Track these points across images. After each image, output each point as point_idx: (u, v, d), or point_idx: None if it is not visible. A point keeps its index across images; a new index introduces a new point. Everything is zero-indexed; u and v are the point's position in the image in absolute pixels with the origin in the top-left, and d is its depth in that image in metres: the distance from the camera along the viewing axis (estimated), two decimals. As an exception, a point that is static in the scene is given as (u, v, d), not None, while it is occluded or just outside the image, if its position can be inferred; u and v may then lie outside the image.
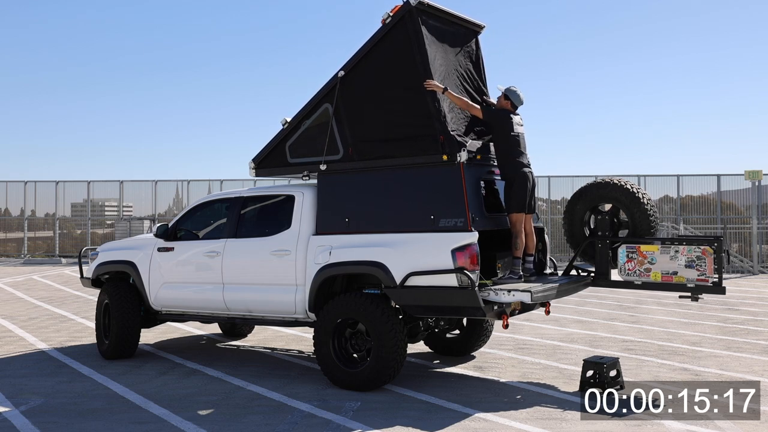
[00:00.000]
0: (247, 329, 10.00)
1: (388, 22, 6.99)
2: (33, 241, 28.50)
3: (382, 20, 7.04)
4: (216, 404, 6.41)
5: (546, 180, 24.69)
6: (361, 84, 7.20)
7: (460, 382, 7.20)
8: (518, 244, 6.93)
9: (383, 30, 7.04)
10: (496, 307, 6.44)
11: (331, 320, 6.84)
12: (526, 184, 7.03)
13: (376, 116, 7.10)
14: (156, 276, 8.23)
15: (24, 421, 5.92)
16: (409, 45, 6.92)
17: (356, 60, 7.18)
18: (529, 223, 7.24)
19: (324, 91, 7.36)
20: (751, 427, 5.67)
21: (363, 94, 7.19)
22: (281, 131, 7.67)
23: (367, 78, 7.17)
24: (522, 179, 7.00)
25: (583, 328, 10.63)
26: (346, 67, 7.22)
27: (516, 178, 6.99)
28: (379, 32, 7.07)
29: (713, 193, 24.34)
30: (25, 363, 8.24)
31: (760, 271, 21.19)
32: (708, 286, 6.76)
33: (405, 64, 6.96)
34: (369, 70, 7.16)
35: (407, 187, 6.85)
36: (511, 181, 7.00)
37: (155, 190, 27.53)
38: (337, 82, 7.24)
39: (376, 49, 7.11)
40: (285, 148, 7.67)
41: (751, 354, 8.57)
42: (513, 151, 7.04)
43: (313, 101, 7.44)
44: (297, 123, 7.55)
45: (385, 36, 7.05)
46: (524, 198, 6.98)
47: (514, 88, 7.23)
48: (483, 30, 7.91)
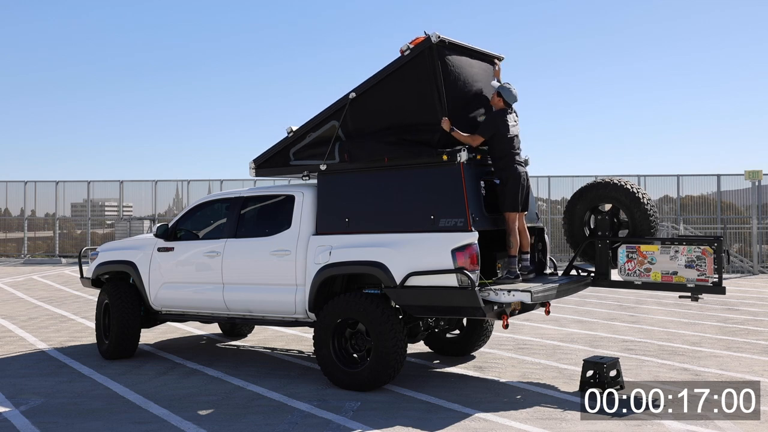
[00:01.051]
0: (247, 329, 10.00)
1: (407, 53, 6.88)
2: (33, 241, 28.51)
3: (400, 50, 6.92)
4: (216, 404, 6.41)
5: (546, 180, 24.69)
6: (372, 108, 7.14)
7: (460, 382, 7.20)
8: (512, 242, 6.93)
9: (401, 60, 6.92)
10: (496, 307, 6.44)
11: (331, 320, 6.84)
12: (520, 184, 7.03)
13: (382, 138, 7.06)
14: (156, 276, 8.23)
15: (24, 421, 5.92)
16: (427, 80, 6.81)
17: (370, 84, 7.11)
18: (521, 221, 7.21)
19: (332, 108, 7.31)
20: (751, 427, 5.66)
21: (372, 118, 7.15)
22: (286, 138, 7.66)
23: (378, 103, 7.11)
24: (515, 179, 7.00)
25: (583, 328, 10.63)
26: (358, 90, 7.15)
27: (510, 177, 6.99)
28: (396, 62, 6.96)
29: (713, 193, 24.34)
30: (25, 363, 8.24)
31: (760, 271, 21.19)
32: (708, 286, 6.76)
33: (421, 97, 6.88)
34: (382, 96, 7.10)
35: (407, 187, 6.86)
36: (505, 181, 7.00)
37: (155, 190, 27.54)
38: (347, 102, 7.19)
39: (392, 78, 7.02)
40: (289, 153, 7.72)
41: (751, 354, 8.57)
42: (507, 152, 7.02)
43: (320, 116, 7.39)
44: (303, 134, 7.53)
45: (402, 67, 6.94)
46: (518, 197, 6.98)
47: (507, 85, 7.19)
48: (502, 61, 7.80)
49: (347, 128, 7.27)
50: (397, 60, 6.99)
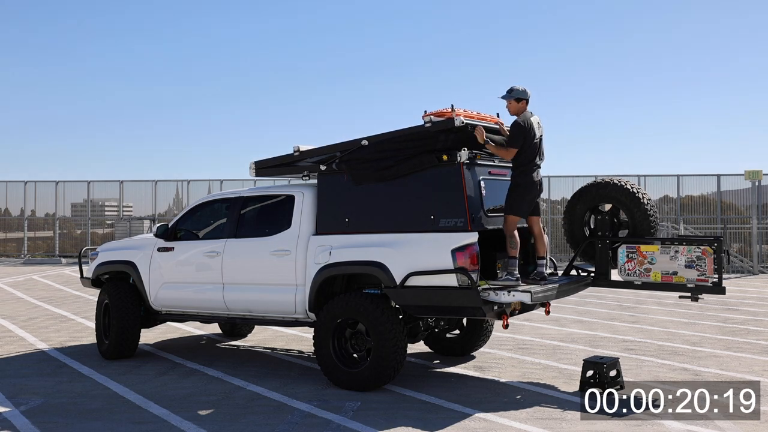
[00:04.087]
0: (247, 329, 10.00)
1: (428, 126, 6.72)
2: (33, 241, 28.51)
3: (423, 117, 6.80)
4: (216, 404, 6.41)
5: (546, 180, 24.68)
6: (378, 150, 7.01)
7: (460, 382, 7.20)
8: (513, 243, 6.81)
9: (421, 130, 6.79)
10: (496, 307, 6.43)
11: (331, 320, 6.84)
12: (532, 193, 6.94)
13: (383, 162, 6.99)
14: (156, 276, 8.23)
15: (24, 421, 5.92)
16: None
17: (384, 138, 6.98)
18: (537, 225, 7.22)
19: (341, 146, 7.22)
20: (751, 427, 5.67)
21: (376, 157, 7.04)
22: (291, 155, 7.63)
23: (388, 151, 6.98)
24: (529, 185, 6.90)
25: (583, 328, 10.63)
26: (371, 139, 7.04)
27: (525, 183, 6.90)
28: (416, 129, 6.83)
29: (713, 193, 24.34)
30: (25, 363, 8.24)
31: (760, 271, 21.19)
32: (708, 286, 6.76)
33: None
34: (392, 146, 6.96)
35: (407, 187, 6.85)
36: (516, 186, 6.91)
37: (155, 190, 27.54)
38: (356, 147, 7.08)
39: (409, 140, 6.89)
40: (291, 165, 7.77)
41: (751, 354, 8.58)
42: (530, 156, 6.92)
43: (326, 149, 7.33)
44: (307, 156, 7.52)
45: (422, 136, 6.82)
46: (524, 205, 6.90)
47: (517, 87, 7.04)
48: None
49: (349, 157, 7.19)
50: (417, 128, 6.81)
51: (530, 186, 6.95)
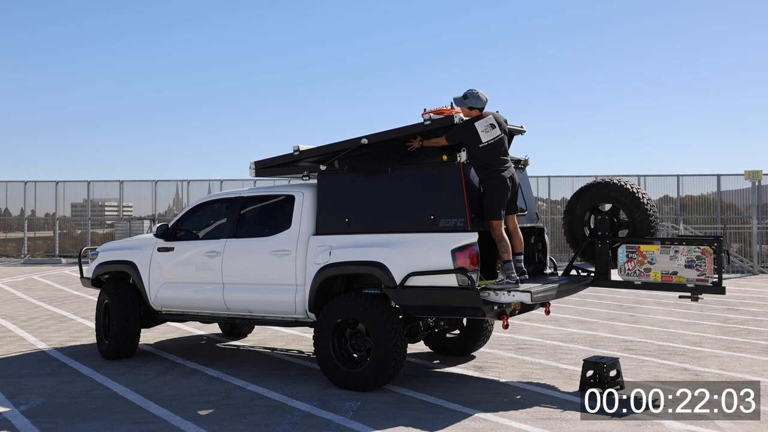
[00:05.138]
0: (247, 329, 10.00)
1: (427, 124, 6.75)
2: (33, 241, 28.52)
3: (422, 115, 6.80)
4: (216, 404, 6.41)
5: (546, 180, 24.71)
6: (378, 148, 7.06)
7: (460, 382, 7.20)
8: (503, 247, 6.73)
9: (420, 129, 6.81)
10: (496, 308, 6.43)
11: (331, 320, 6.84)
12: (502, 192, 6.76)
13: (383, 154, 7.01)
14: (156, 276, 8.23)
15: (24, 421, 5.92)
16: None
17: (384, 137, 7.00)
18: (512, 222, 7.05)
19: (341, 146, 7.23)
20: (751, 427, 5.67)
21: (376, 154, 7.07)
22: (291, 155, 7.63)
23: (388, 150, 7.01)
24: (498, 187, 6.73)
25: (583, 328, 10.63)
26: (370, 138, 7.06)
27: (492, 186, 6.73)
28: (415, 127, 6.84)
29: (713, 193, 24.35)
30: (25, 363, 8.25)
31: (760, 271, 21.19)
32: (708, 286, 6.76)
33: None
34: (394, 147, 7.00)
35: (407, 187, 6.85)
36: (489, 190, 6.75)
37: (155, 190, 27.56)
38: (357, 145, 7.10)
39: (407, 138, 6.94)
40: (291, 165, 7.78)
41: (751, 354, 8.58)
42: (486, 160, 6.74)
43: (326, 148, 7.34)
44: (306, 156, 7.53)
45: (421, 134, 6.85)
46: (498, 207, 6.72)
47: (472, 91, 6.85)
48: (524, 132, 7.65)
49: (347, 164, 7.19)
50: (417, 125, 6.83)
51: (498, 187, 6.74)
